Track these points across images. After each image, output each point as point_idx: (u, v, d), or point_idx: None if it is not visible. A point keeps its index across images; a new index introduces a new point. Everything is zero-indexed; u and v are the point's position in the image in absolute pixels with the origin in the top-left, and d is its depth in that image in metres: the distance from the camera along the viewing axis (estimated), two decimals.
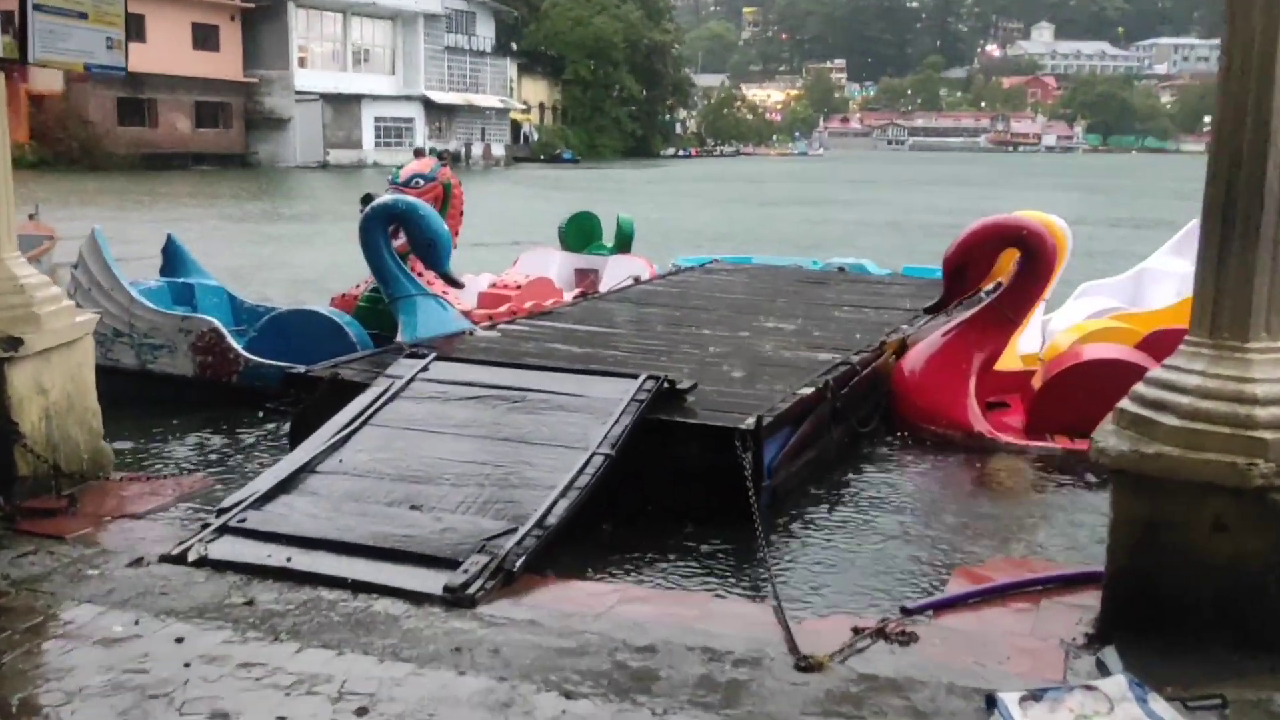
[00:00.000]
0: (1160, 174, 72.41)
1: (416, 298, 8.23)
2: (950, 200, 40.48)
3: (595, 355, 7.24)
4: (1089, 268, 16.78)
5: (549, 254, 12.10)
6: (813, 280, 11.12)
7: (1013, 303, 7.33)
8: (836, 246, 19.57)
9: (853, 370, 7.04)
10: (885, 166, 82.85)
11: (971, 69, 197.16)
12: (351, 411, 5.88)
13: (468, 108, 69.99)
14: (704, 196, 40.62)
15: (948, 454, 7.01)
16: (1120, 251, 20.63)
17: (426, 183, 9.16)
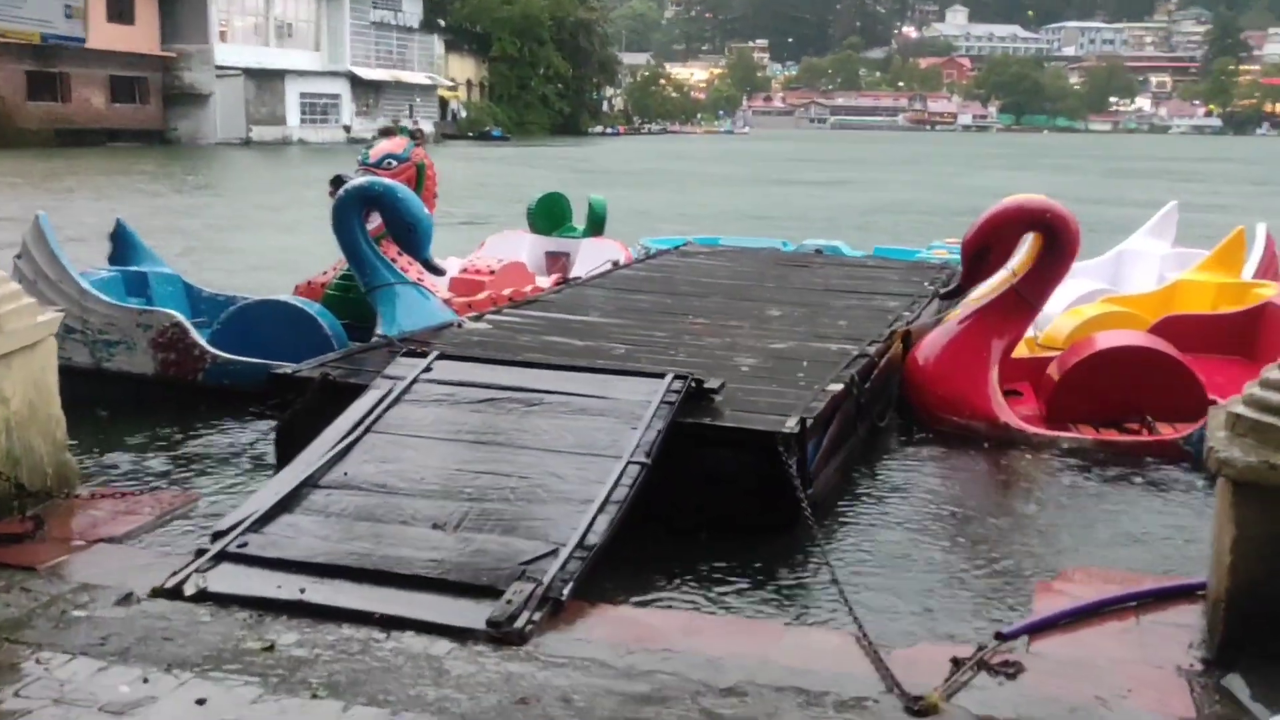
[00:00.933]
0: (1078, 152, 73.46)
1: (396, 287, 7.66)
2: (898, 179, 40.50)
3: (598, 350, 6.75)
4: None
5: (518, 237, 11.54)
6: (794, 263, 10.72)
7: (1033, 287, 6.99)
8: (795, 226, 19.27)
9: (872, 363, 6.65)
10: (814, 145, 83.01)
11: (890, 50, 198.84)
12: (352, 418, 5.34)
13: (395, 84, 68.62)
14: (645, 175, 40.08)
15: (973, 448, 6.66)
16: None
17: (399, 163, 8.56)
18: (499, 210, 23.33)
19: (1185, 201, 13.95)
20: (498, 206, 24.38)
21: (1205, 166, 56.18)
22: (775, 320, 7.88)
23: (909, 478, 6.22)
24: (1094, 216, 23.60)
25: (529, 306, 8.18)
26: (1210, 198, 32.68)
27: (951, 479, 6.31)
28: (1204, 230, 15.08)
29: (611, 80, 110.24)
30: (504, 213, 22.18)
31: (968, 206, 27.23)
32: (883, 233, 19.89)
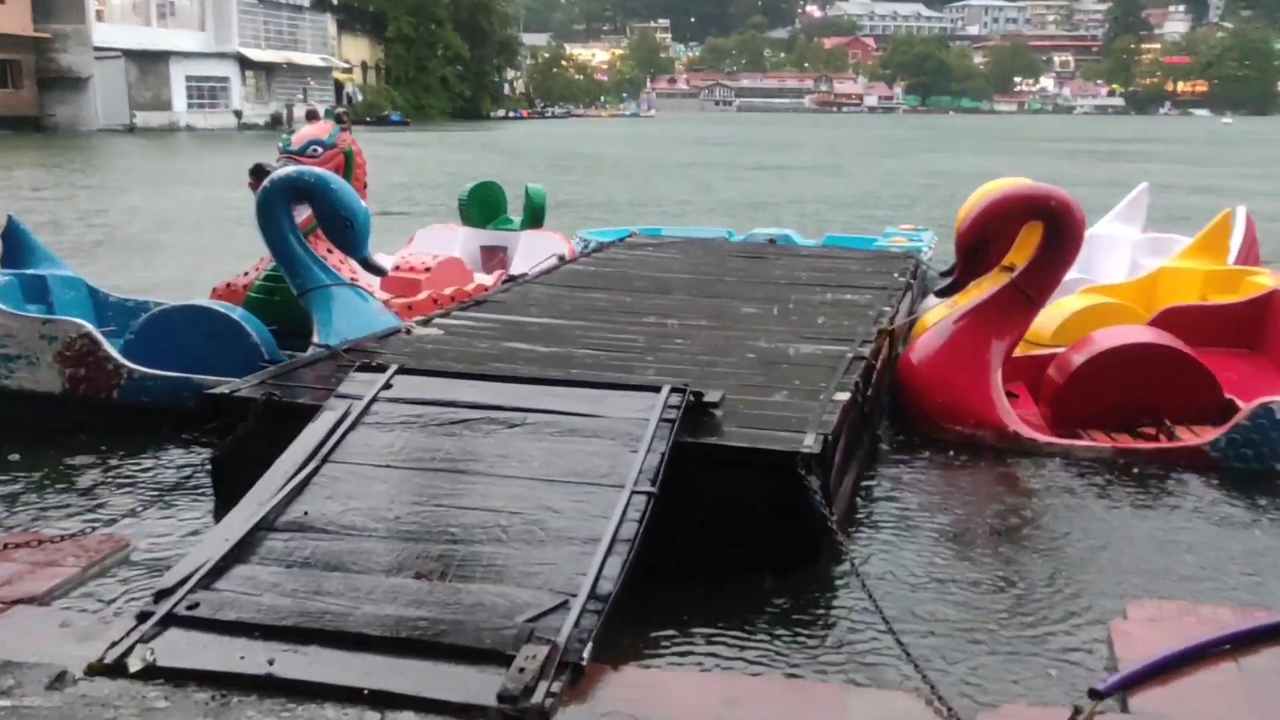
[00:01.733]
0: (995, 133, 74.39)
1: (332, 289, 6.90)
2: (822, 163, 40.31)
3: (567, 358, 6.10)
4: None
5: (450, 230, 10.77)
6: (750, 255, 10.15)
7: (1036, 282, 6.50)
8: (731, 214, 18.76)
9: (870, 366, 6.11)
10: (724, 128, 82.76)
11: (794, 29, 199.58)
12: (306, 446, 4.62)
13: (287, 66, 66.47)
14: (561, 161, 39.23)
15: (981, 459, 6.16)
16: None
17: (325, 150, 7.78)
18: (419, 200, 22.33)
19: (1124, 181, 13.66)
20: (418, 196, 23.31)
21: (1130, 147, 57.05)
22: (750, 319, 7.30)
23: (924, 496, 5.68)
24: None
25: (478, 308, 7.47)
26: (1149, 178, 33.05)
27: (971, 496, 5.79)
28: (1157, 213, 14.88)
29: (512, 62, 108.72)
30: (426, 203, 21.28)
31: (902, 193, 27.16)
32: (822, 220, 19.46)
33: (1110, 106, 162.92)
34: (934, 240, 11.90)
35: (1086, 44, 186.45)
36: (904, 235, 11.80)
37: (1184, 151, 52.00)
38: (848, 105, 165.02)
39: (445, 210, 18.85)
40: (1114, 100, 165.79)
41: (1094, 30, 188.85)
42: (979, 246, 6.46)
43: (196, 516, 5.00)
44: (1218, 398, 6.33)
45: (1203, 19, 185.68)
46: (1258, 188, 29.00)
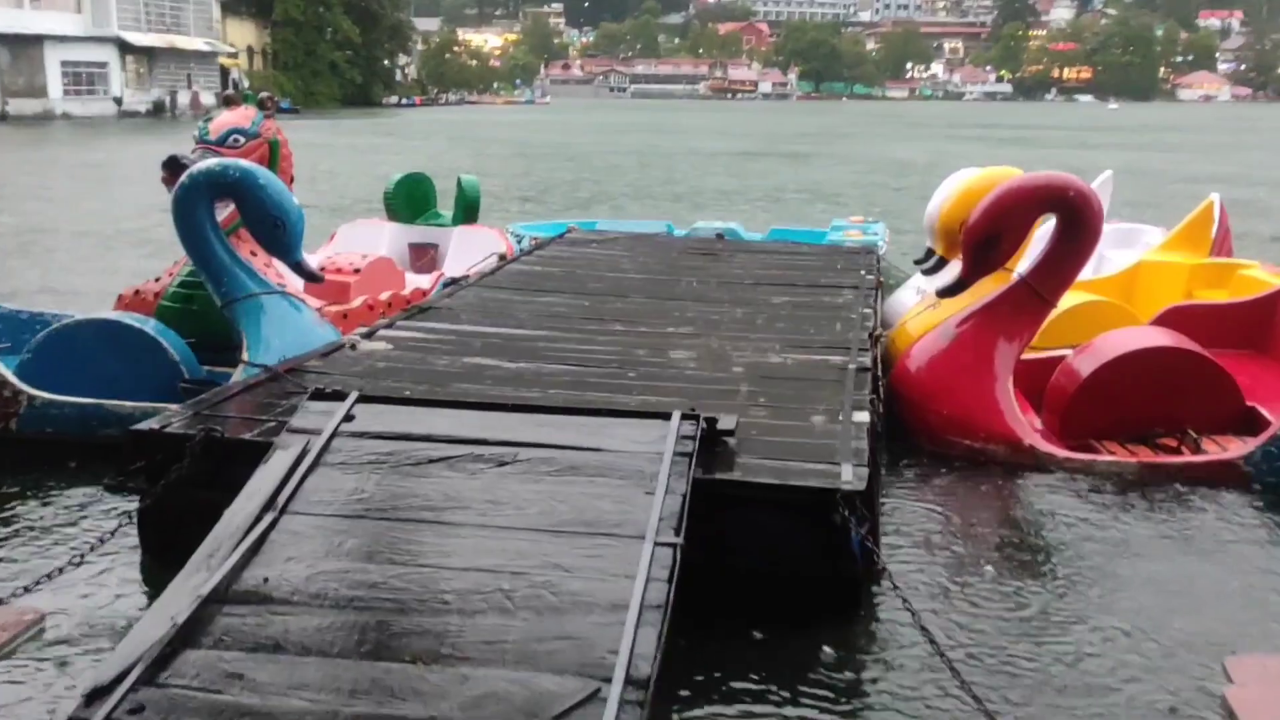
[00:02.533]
0: (899, 119, 74.80)
1: (263, 298, 6.12)
2: (735, 150, 39.90)
3: (538, 375, 5.43)
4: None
5: (374, 226, 9.95)
6: (702, 251, 9.54)
7: (1049, 279, 6.00)
8: (658, 205, 18.13)
9: (875, 379, 5.56)
10: (622, 114, 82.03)
11: (688, 15, 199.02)
12: (258, 494, 3.88)
13: (170, 51, 63.86)
14: (465, 149, 38.15)
15: (996, 477, 5.65)
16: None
17: (248, 140, 6.94)
18: (328, 193, 21.07)
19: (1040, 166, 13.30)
20: (327, 188, 22.16)
21: (1035, 133, 57.62)
22: (727, 325, 6.71)
23: (943, 522, 5.14)
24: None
25: (424, 317, 6.74)
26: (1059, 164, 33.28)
27: (997, 521, 5.27)
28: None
29: (404, 47, 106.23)
30: (335, 196, 20.08)
31: (830, 183, 26.63)
32: (757, 211, 18.89)
33: (999, 93, 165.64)
34: (887, 233, 11.44)
35: (976, 31, 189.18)
36: (856, 228, 11.32)
37: (1085, 137, 52.87)
38: (742, 92, 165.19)
39: (358, 203, 17.84)
40: (1002, 87, 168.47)
41: (983, 17, 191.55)
42: (990, 242, 5.94)
43: (124, 579, 4.22)
44: (1238, 404, 5.93)
45: (1087, 6, 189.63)
46: (1162, 167, 29.43)
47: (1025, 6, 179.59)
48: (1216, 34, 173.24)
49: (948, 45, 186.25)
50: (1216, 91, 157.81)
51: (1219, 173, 29.28)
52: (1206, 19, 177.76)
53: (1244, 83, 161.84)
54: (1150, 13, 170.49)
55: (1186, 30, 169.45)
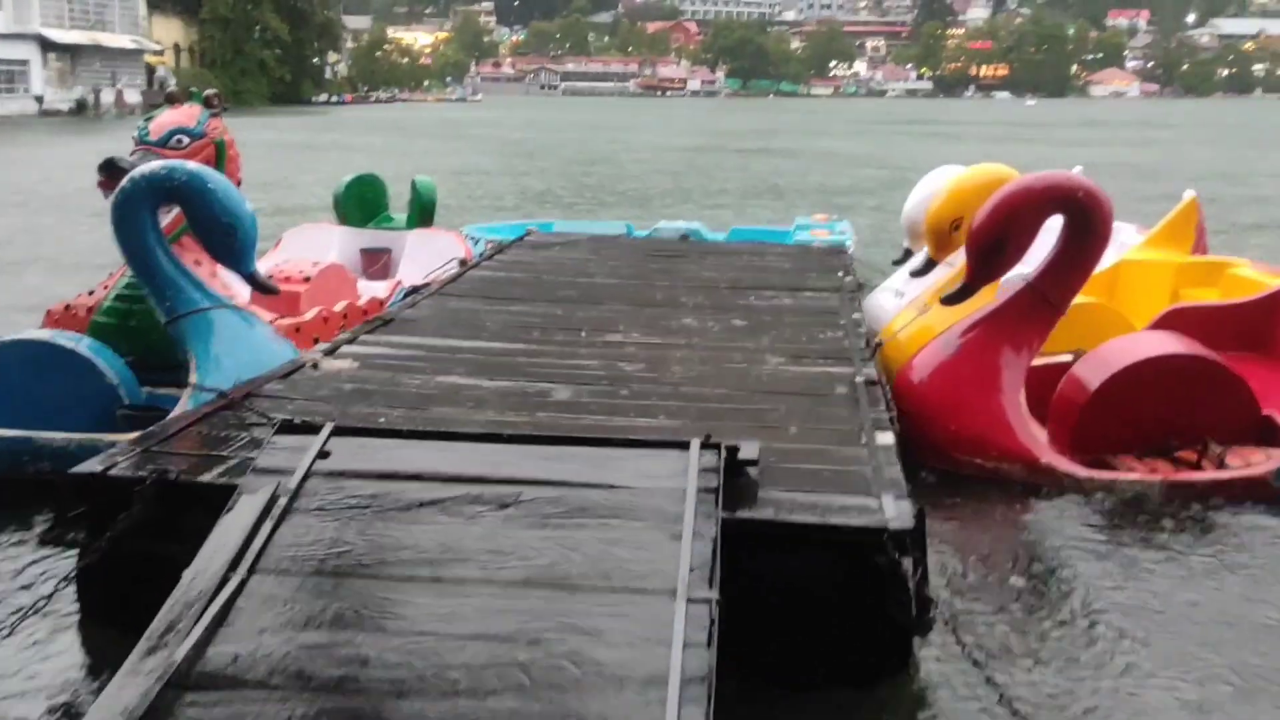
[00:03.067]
0: (836, 116, 74.94)
1: (212, 313, 5.56)
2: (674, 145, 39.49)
3: (525, 395, 4.95)
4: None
5: (323, 230, 9.36)
6: (671, 253, 9.08)
7: (1058, 284, 5.64)
8: (608, 204, 17.63)
9: (886, 392, 5.15)
10: (555, 112, 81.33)
11: (617, 14, 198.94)
12: (223, 550, 3.35)
13: (94, 48, 62.09)
14: (401, 149, 37.31)
15: (1014, 498, 5.27)
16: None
17: (193, 140, 6.35)
18: (268, 195, 20.05)
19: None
20: (267, 189, 20.84)
21: (980, 129, 57.91)
22: (712, 333, 6.27)
23: (970, 552, 4.74)
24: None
25: (388, 330, 6.21)
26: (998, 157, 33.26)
27: (1027, 550, 4.89)
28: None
29: (334, 45, 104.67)
30: (277, 198, 19.22)
31: (776, 179, 26.25)
32: (710, 209, 18.45)
33: (920, 90, 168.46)
34: (853, 231, 11.08)
35: (896, 30, 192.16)
36: (821, 227, 10.95)
37: (1016, 132, 53.26)
38: (672, 89, 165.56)
39: (301, 205, 17.06)
40: (923, 84, 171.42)
41: (903, 16, 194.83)
42: (996, 246, 5.56)
43: (65, 655, 3.65)
44: (1254, 412, 5.61)
45: (1002, 6, 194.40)
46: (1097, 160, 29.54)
47: (943, 6, 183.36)
48: (1125, 33, 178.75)
49: (870, 44, 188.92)
50: (1126, 88, 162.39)
51: (1149, 166, 29.54)
52: (1115, 18, 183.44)
53: (1151, 79, 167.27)
54: (1062, 12, 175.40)
55: (1096, 29, 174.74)
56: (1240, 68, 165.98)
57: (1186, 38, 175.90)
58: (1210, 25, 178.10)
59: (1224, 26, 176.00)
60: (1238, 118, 73.52)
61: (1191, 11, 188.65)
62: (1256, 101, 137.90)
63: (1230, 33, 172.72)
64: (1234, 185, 23.52)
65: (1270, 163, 31.66)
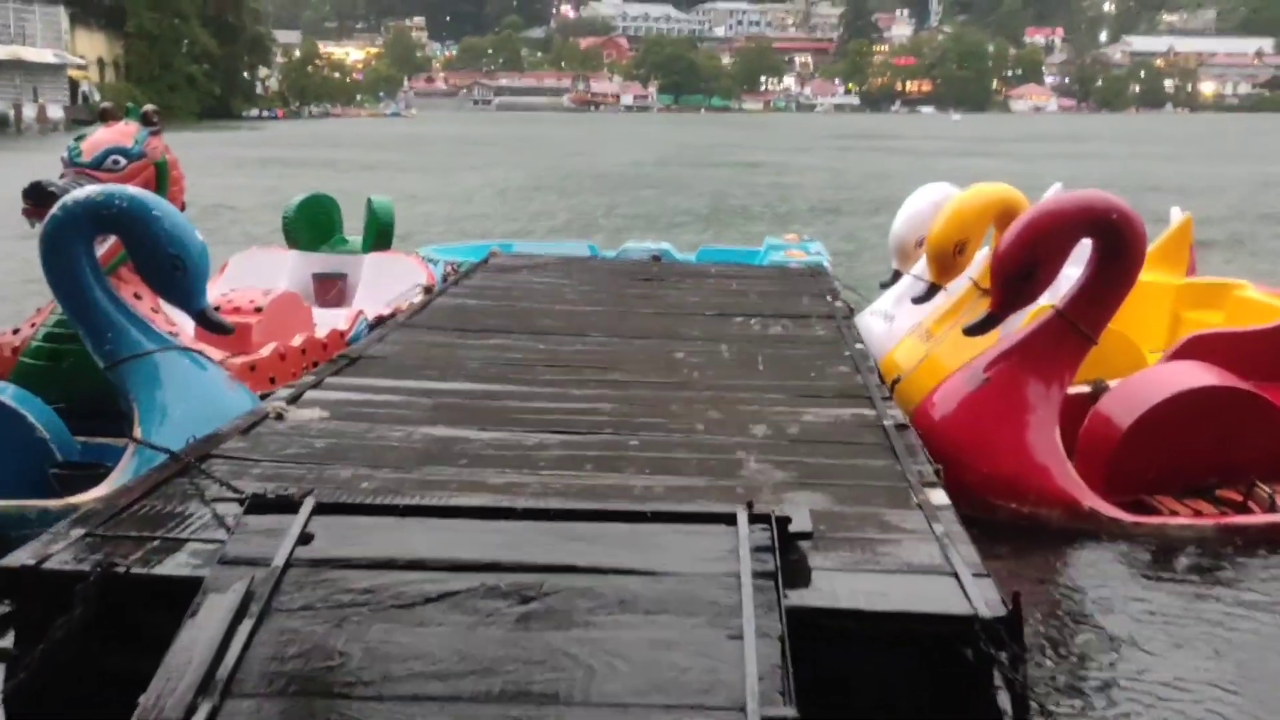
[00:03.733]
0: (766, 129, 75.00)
1: (157, 356, 4.92)
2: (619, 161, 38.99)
3: (524, 450, 4.36)
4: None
5: (272, 255, 8.69)
6: (646, 277, 8.52)
7: (1090, 312, 5.19)
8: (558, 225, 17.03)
9: (917, 436, 4.65)
10: (490, 127, 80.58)
11: (549, 29, 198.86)
12: (188, 671, 2.72)
13: (14, 63, 60.40)
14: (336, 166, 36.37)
15: (1058, 546, 4.82)
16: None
17: (130, 161, 5.71)
18: (212, 217, 18.95)
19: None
20: (206, 210, 19.71)
21: (921, 143, 58.15)
22: (713, 368, 5.73)
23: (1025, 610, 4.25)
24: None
25: (355, 370, 5.58)
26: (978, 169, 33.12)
27: (1084, 607, 4.43)
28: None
29: (264, 60, 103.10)
30: (216, 219, 18.34)
31: (724, 196, 25.62)
32: (667, 227, 17.94)
33: (848, 104, 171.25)
34: (827, 251, 10.62)
35: (824, 46, 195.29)
36: (794, 247, 10.47)
37: (953, 145, 53.57)
38: (605, 104, 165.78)
39: (241, 226, 16.13)
40: (850, 99, 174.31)
41: (830, 33, 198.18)
42: (1026, 273, 5.09)
43: None
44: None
45: (924, 24, 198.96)
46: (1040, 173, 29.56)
47: (869, 24, 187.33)
48: (1042, 50, 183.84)
49: (799, 59, 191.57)
50: (1045, 103, 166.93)
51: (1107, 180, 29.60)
52: (1032, 36, 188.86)
53: (1068, 94, 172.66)
54: (982, 29, 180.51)
55: (1015, 46, 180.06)
56: (1152, 83, 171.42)
57: (1101, 54, 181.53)
58: (1122, 42, 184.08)
59: (1135, 44, 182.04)
60: (1173, 131, 74.99)
61: (1104, 29, 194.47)
62: (1168, 116, 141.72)
63: (1141, 50, 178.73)
64: (1200, 199, 23.55)
65: (1233, 176, 32.03)
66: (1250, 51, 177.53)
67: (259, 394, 6.06)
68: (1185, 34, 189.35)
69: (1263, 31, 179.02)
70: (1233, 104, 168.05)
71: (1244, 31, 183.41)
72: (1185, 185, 28.90)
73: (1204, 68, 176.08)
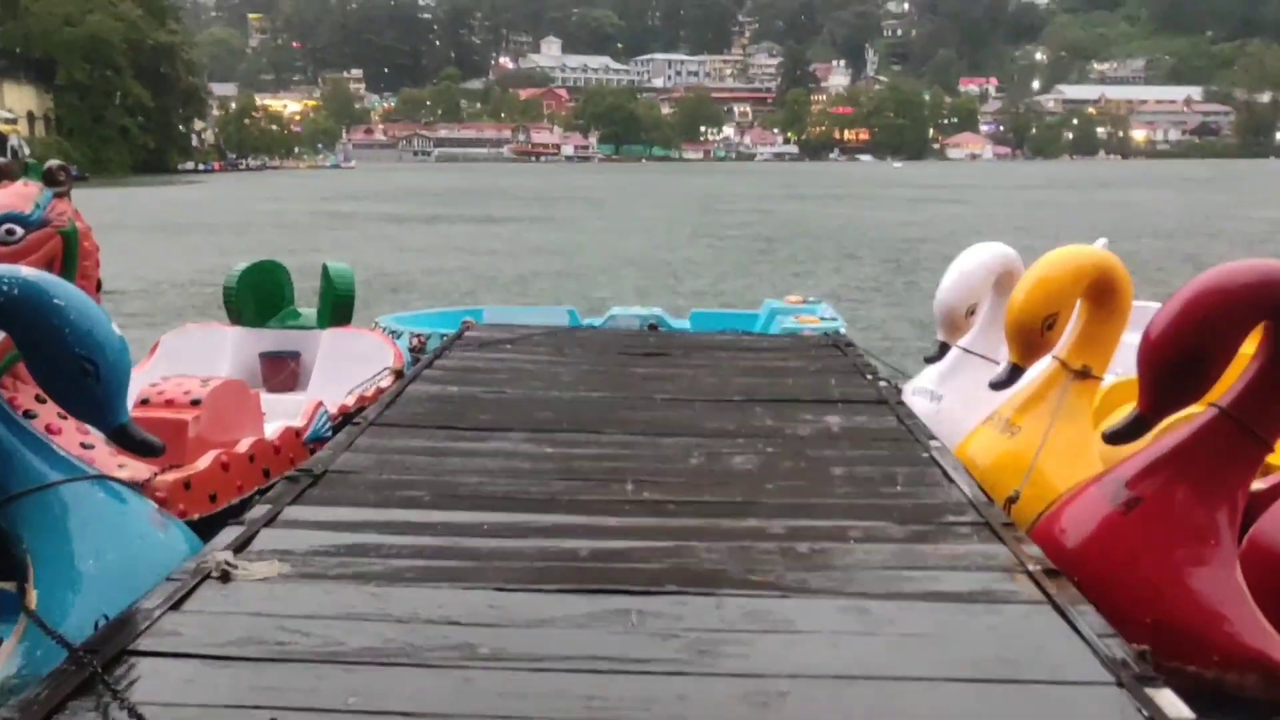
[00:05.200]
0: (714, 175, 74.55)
1: (63, 490, 3.68)
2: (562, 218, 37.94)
3: (561, 633, 3.19)
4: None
5: (212, 333, 7.40)
6: (649, 351, 7.35)
7: (1264, 411, 4.12)
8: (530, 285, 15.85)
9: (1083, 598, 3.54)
10: (432, 176, 79.44)
11: (488, 81, 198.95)
12: None
13: None
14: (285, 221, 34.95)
15: None
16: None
17: (29, 231, 4.51)
18: (140, 288, 16.90)
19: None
20: (135, 280, 17.42)
21: (874, 190, 57.83)
22: (760, 478, 4.60)
23: None
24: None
25: (319, 491, 4.36)
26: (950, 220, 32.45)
27: None
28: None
29: (200, 112, 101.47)
30: (147, 291, 16.26)
31: (699, 253, 24.27)
32: (644, 286, 16.81)
33: (787, 153, 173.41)
34: (840, 316, 9.54)
35: (762, 96, 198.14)
36: (802, 311, 9.39)
37: (903, 193, 53.28)
38: (546, 155, 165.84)
39: (173, 297, 14.50)
40: (790, 148, 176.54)
41: (768, 83, 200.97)
42: (1192, 363, 4.02)
43: None
44: None
45: (861, 74, 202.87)
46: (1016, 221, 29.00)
47: (806, 74, 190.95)
48: (976, 98, 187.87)
49: (738, 109, 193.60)
50: (981, 150, 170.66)
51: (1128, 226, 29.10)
52: (967, 85, 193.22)
53: (1003, 142, 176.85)
54: (917, 79, 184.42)
55: (950, 95, 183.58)
56: (1084, 130, 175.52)
57: (1034, 103, 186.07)
58: (1055, 91, 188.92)
59: (1068, 92, 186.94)
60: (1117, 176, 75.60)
61: (1037, 78, 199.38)
62: (1101, 163, 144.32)
63: (1074, 98, 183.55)
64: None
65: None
66: (1179, 99, 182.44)
67: (198, 516, 4.86)
68: (1116, 82, 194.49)
69: (1191, 80, 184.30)
70: (1164, 150, 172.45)
71: (1173, 80, 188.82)
72: (1243, 231, 28.19)
73: (1135, 115, 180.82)
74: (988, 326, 6.89)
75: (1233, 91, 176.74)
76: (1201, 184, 62.20)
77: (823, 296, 10.98)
